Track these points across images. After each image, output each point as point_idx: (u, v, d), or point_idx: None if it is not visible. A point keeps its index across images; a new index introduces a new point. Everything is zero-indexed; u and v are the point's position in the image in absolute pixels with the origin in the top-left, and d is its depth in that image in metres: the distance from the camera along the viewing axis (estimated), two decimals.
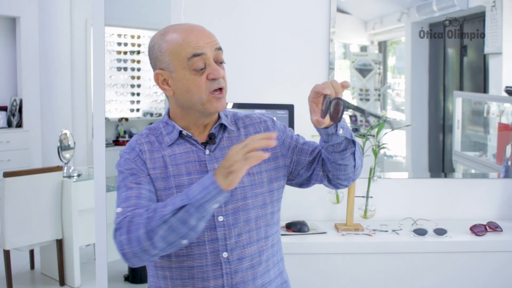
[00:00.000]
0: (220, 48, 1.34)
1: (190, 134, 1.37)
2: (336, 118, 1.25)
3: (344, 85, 1.26)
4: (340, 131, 1.29)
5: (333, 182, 1.44)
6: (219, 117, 1.41)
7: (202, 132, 1.40)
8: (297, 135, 1.50)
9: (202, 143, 1.38)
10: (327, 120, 1.26)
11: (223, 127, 1.41)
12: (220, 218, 1.33)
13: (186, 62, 1.29)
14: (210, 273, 1.32)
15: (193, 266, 1.33)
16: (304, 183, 1.48)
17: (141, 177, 1.33)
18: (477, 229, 2.38)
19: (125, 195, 1.30)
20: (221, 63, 1.34)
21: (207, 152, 1.37)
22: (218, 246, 1.33)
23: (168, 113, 1.42)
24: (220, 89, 1.32)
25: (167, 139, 1.38)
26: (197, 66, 1.29)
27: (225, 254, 1.33)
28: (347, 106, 1.27)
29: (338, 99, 1.24)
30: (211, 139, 1.38)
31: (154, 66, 1.36)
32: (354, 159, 1.37)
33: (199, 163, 1.35)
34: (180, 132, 1.37)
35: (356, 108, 1.31)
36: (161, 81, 1.35)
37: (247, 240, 1.35)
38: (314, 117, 1.28)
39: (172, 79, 1.33)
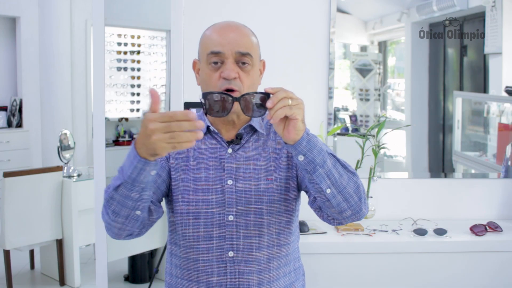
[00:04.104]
0: (244, 54, 1.32)
1: (217, 131, 1.39)
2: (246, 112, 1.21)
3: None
4: (300, 158, 1.18)
5: (324, 216, 1.33)
6: (251, 118, 1.40)
7: (230, 130, 1.40)
8: None
9: (228, 142, 1.38)
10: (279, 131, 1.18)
11: (253, 129, 1.41)
12: (230, 218, 1.33)
13: (206, 56, 1.34)
14: (215, 269, 1.34)
15: (199, 259, 1.35)
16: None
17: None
18: (477, 229, 2.38)
19: None
20: (243, 63, 1.33)
21: (229, 151, 1.37)
22: (225, 244, 1.33)
23: None
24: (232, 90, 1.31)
25: None
26: (212, 61, 1.33)
27: (231, 253, 1.33)
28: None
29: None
30: (237, 138, 1.38)
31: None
32: (327, 199, 1.22)
33: (220, 161, 1.36)
34: (208, 127, 1.39)
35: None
36: (196, 70, 1.42)
37: (257, 245, 1.34)
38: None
39: (200, 69, 1.39)
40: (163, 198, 1.41)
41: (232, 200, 1.34)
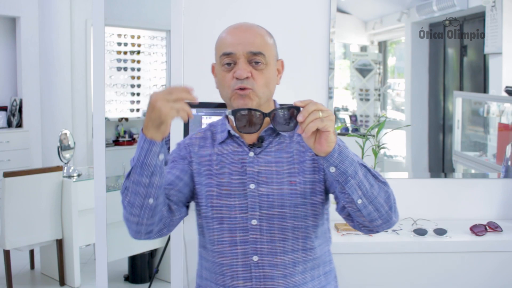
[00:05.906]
0: (256, 53, 1.32)
1: (237, 135, 1.38)
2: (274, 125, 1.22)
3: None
4: (332, 169, 1.17)
5: (355, 223, 1.33)
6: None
7: (252, 134, 1.37)
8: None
9: (249, 145, 1.38)
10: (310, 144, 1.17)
11: (275, 131, 1.39)
12: (254, 222, 1.33)
13: (219, 58, 1.35)
14: (240, 273, 1.34)
15: (223, 264, 1.35)
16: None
17: (178, 164, 1.38)
18: (477, 229, 2.38)
19: None
20: (257, 62, 1.33)
21: (251, 154, 1.36)
22: (249, 248, 1.33)
23: None
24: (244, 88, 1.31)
25: (219, 136, 1.41)
26: (225, 62, 1.33)
27: (255, 258, 1.33)
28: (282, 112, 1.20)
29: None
30: (258, 141, 1.37)
31: None
32: (358, 209, 1.23)
33: (242, 165, 1.36)
34: (229, 132, 1.39)
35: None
36: (215, 73, 1.41)
37: (281, 249, 1.33)
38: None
39: (216, 72, 1.40)
40: (192, 202, 1.41)
41: (255, 204, 1.33)
